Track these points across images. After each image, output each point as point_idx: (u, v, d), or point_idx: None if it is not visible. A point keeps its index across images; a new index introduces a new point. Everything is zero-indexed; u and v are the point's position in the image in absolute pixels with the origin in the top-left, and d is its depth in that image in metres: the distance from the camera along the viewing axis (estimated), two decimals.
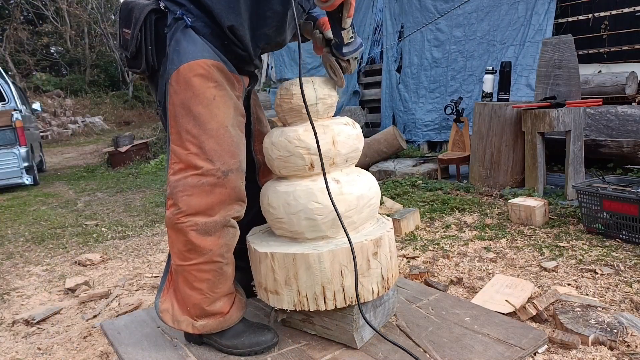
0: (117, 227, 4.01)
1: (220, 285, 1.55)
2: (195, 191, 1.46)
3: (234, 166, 1.49)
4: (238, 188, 1.51)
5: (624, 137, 3.86)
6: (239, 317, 1.61)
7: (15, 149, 6.61)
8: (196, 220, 1.47)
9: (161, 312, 1.61)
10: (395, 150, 5.19)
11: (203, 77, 1.46)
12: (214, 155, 1.46)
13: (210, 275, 1.52)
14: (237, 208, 1.53)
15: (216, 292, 1.54)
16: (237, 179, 1.50)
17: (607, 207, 2.61)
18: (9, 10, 18.23)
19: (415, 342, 1.56)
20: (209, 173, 1.46)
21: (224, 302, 1.57)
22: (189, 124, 1.47)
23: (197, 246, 1.48)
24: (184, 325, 1.57)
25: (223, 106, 1.49)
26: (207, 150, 1.46)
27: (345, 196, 1.49)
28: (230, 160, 1.48)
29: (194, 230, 1.47)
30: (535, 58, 4.91)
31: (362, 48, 1.63)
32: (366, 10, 7.18)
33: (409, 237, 2.98)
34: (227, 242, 1.52)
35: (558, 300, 1.89)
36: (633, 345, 1.59)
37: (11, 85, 7.57)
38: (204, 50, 1.47)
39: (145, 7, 1.48)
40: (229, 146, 1.48)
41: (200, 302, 1.54)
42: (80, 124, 15.11)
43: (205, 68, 1.46)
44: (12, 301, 2.58)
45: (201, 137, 1.46)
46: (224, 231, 1.51)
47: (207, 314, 1.56)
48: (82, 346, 1.99)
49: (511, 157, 3.89)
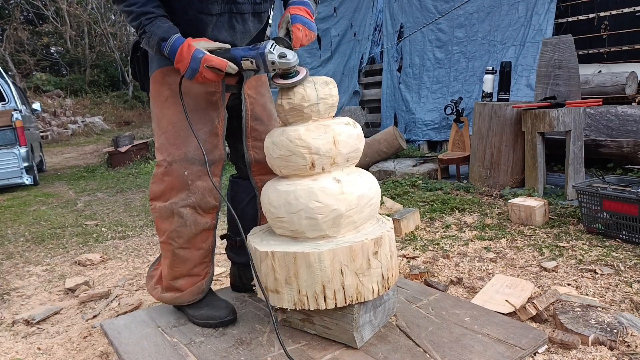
0: (117, 227, 4.01)
1: (177, 266, 1.75)
2: (155, 179, 1.73)
3: (178, 157, 1.66)
4: (181, 176, 1.67)
5: (624, 137, 3.86)
6: (191, 300, 1.79)
7: (15, 149, 6.61)
8: (155, 204, 1.74)
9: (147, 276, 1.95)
10: (395, 150, 5.19)
11: (160, 83, 1.70)
12: (162, 149, 1.69)
13: (168, 253, 1.76)
14: (182, 196, 1.68)
15: (175, 270, 1.76)
16: (181, 168, 1.66)
17: (607, 207, 2.61)
18: (9, 10, 18.22)
19: (415, 342, 1.56)
20: (160, 164, 1.70)
21: (184, 282, 1.77)
22: (153, 124, 1.76)
23: (158, 227, 1.77)
24: (154, 292, 1.87)
25: (173, 105, 1.67)
26: (160, 144, 1.71)
27: (346, 196, 1.49)
28: (175, 152, 1.67)
29: (154, 212, 1.75)
30: (536, 58, 4.91)
31: (263, 51, 1.48)
32: (366, 10, 7.18)
33: (409, 237, 2.98)
34: (177, 228, 1.70)
35: (558, 300, 1.89)
36: (633, 345, 1.59)
37: (11, 85, 7.56)
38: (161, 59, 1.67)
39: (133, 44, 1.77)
40: (174, 139, 1.67)
41: (165, 275, 1.80)
42: (80, 124, 15.10)
43: (161, 75, 1.69)
44: (12, 301, 2.58)
45: (158, 134, 1.72)
46: (173, 218, 1.70)
47: (169, 287, 1.80)
48: (82, 346, 1.99)
49: (511, 157, 3.89)
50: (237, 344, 1.65)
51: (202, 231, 1.73)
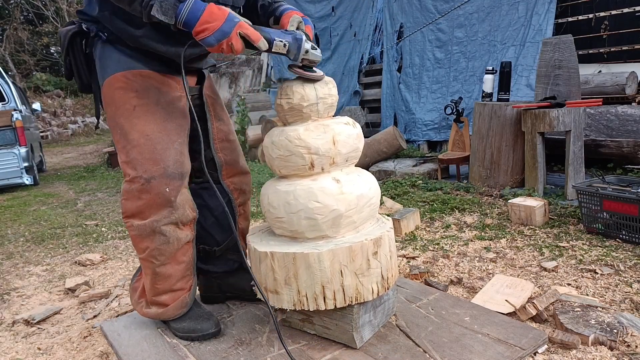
0: (117, 227, 4.01)
1: (159, 282, 1.67)
2: (129, 196, 1.58)
3: (157, 173, 1.55)
4: (162, 194, 1.55)
5: (624, 137, 3.86)
6: (176, 314, 1.72)
7: (15, 149, 6.61)
8: (132, 222, 1.60)
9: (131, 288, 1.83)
10: (395, 150, 5.19)
11: (123, 90, 1.54)
12: (136, 164, 1.55)
13: (148, 271, 1.66)
14: (164, 213, 1.57)
15: (156, 287, 1.68)
16: (161, 184, 1.55)
17: (607, 207, 2.61)
18: (9, 10, 18.22)
19: (415, 342, 1.56)
20: (135, 180, 1.55)
21: (168, 297, 1.70)
22: (117, 135, 1.58)
23: (136, 245, 1.64)
24: (138, 306, 1.78)
25: (143, 115, 1.54)
26: (132, 159, 1.56)
27: (345, 196, 1.49)
28: (153, 168, 1.54)
29: (131, 230, 1.61)
30: (536, 58, 4.91)
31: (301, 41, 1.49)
32: (366, 10, 7.18)
33: (409, 237, 2.98)
34: (158, 247, 1.60)
35: (558, 300, 1.89)
36: (633, 345, 1.59)
37: (11, 85, 7.56)
38: (120, 62, 1.53)
39: (67, 32, 1.56)
40: (150, 154, 1.54)
41: (148, 291, 1.72)
42: (80, 124, 15.11)
43: (124, 80, 1.54)
44: (12, 301, 2.58)
45: (126, 147, 1.56)
46: (154, 237, 1.59)
47: (152, 302, 1.72)
48: (82, 346, 1.99)
49: (511, 157, 3.88)
50: (236, 344, 1.65)
51: (183, 245, 1.66)
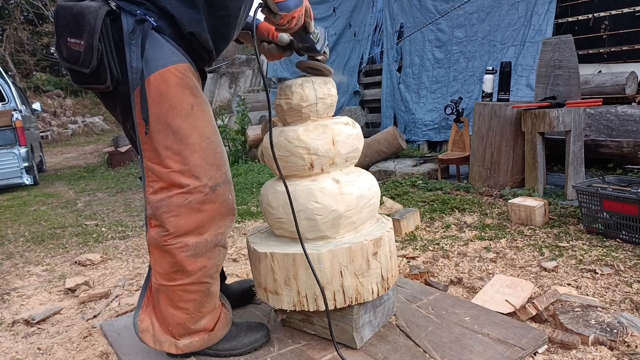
0: (117, 227, 4.01)
1: (206, 305, 1.49)
2: (183, 211, 1.37)
3: (221, 179, 1.42)
4: (227, 201, 1.44)
5: (624, 137, 3.86)
6: (224, 334, 1.56)
7: (15, 149, 6.61)
8: (186, 241, 1.39)
9: (141, 331, 1.51)
10: (395, 150, 5.19)
11: (179, 86, 1.33)
12: (199, 171, 1.37)
13: (197, 295, 1.46)
14: (228, 223, 1.47)
15: (202, 311, 1.49)
16: (226, 191, 1.44)
17: (607, 207, 2.61)
18: (9, 10, 18.22)
19: (415, 342, 1.56)
20: (196, 190, 1.37)
21: (208, 319, 1.51)
22: (167, 139, 1.34)
23: (185, 268, 1.41)
24: (166, 345, 1.50)
25: (202, 115, 1.39)
26: (192, 166, 1.36)
27: (345, 196, 1.49)
28: (217, 174, 1.41)
29: (183, 251, 1.39)
30: (536, 58, 4.91)
31: (326, 32, 1.57)
32: (366, 10, 7.18)
33: (409, 237, 2.98)
34: (217, 262, 1.47)
35: (558, 300, 1.89)
36: (633, 345, 1.59)
37: (11, 85, 7.57)
38: (173, 54, 1.33)
39: (99, 11, 1.25)
40: (213, 159, 1.40)
41: (185, 322, 1.47)
42: (80, 124, 15.12)
43: (179, 75, 1.33)
44: (12, 301, 2.58)
45: (184, 153, 1.35)
46: (215, 251, 1.45)
47: (190, 332, 1.49)
48: (82, 346, 1.99)
49: (511, 157, 3.88)
50: None
51: None
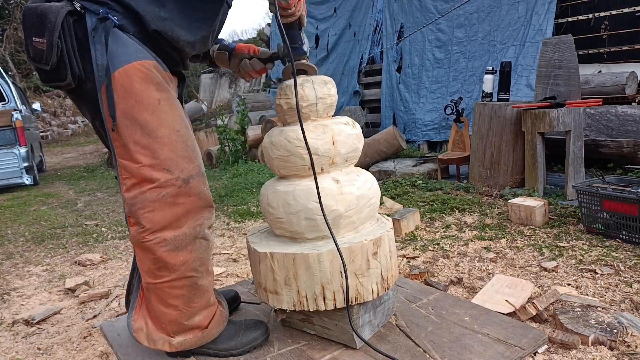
0: (117, 227, 4.01)
1: (196, 300, 1.47)
2: (157, 205, 1.36)
3: (194, 171, 1.41)
4: (203, 193, 1.43)
5: (624, 137, 3.86)
6: (219, 332, 1.55)
7: (15, 149, 6.62)
8: (164, 236, 1.38)
9: (135, 331, 1.51)
10: (395, 150, 5.19)
11: (143, 81, 1.34)
12: (170, 164, 1.36)
13: (184, 291, 1.45)
14: (206, 215, 1.46)
15: (192, 306, 1.47)
16: (200, 184, 1.43)
17: (607, 207, 2.61)
18: (9, 10, 18.22)
19: (415, 342, 1.56)
20: (169, 184, 1.36)
21: (202, 316, 1.50)
22: (135, 134, 1.34)
23: (167, 263, 1.40)
24: (160, 344, 1.49)
25: (170, 110, 1.39)
26: (163, 160, 1.36)
27: (345, 196, 1.49)
28: (189, 166, 1.40)
29: (162, 247, 1.38)
30: (536, 58, 4.91)
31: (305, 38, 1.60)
32: (366, 10, 7.18)
33: (409, 237, 2.98)
34: (200, 255, 1.45)
35: (558, 300, 1.89)
36: (633, 345, 1.59)
37: (11, 85, 7.57)
38: (138, 51, 1.35)
39: (60, 10, 1.28)
40: (184, 151, 1.40)
41: (177, 318, 1.46)
42: (80, 124, 15.12)
43: (144, 70, 1.34)
44: (12, 301, 2.58)
45: (153, 147, 1.35)
46: (196, 244, 1.43)
47: (184, 329, 1.48)
48: (82, 346, 1.99)
49: (511, 157, 3.88)
50: None
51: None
